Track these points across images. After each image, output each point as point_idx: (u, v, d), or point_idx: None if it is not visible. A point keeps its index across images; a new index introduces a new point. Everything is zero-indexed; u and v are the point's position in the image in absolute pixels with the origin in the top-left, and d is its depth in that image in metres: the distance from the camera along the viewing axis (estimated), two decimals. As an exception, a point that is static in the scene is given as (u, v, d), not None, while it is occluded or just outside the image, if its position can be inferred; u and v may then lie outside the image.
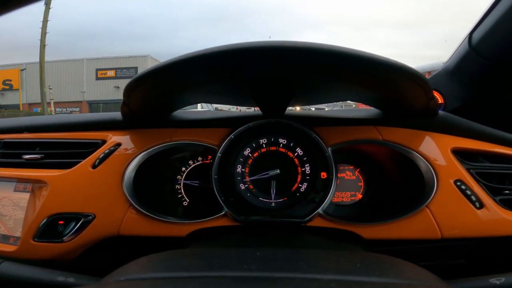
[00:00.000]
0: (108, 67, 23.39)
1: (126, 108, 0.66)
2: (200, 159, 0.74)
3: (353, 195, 0.72)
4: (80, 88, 23.11)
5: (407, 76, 0.50)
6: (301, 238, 0.65)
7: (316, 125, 0.69)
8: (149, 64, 21.96)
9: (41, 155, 0.71)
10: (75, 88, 23.08)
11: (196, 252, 0.49)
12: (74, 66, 23.70)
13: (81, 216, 0.65)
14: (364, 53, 0.47)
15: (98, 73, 23.56)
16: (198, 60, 0.49)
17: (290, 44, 0.46)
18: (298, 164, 0.69)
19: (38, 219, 0.66)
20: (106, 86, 22.98)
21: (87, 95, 23.19)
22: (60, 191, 0.67)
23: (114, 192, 0.66)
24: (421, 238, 0.61)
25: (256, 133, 0.69)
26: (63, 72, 23.33)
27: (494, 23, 0.72)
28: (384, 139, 0.66)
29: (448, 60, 0.88)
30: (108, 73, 23.44)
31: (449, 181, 0.62)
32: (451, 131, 0.67)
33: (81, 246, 0.66)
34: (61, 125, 0.76)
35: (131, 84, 0.56)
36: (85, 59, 23.85)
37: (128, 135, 0.71)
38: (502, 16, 0.70)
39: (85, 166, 0.68)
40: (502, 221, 0.60)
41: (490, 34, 0.74)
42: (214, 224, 0.65)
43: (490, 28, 0.74)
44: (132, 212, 0.65)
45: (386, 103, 0.69)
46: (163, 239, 0.65)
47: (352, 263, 0.37)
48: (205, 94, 0.72)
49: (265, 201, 0.69)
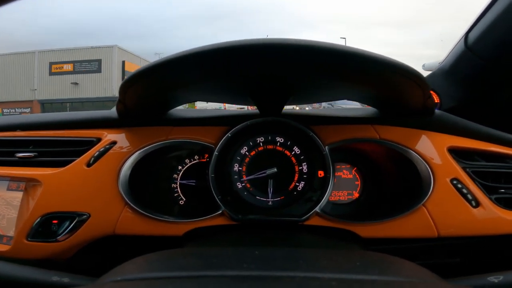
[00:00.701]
0: (65, 60, 20.27)
1: (122, 106, 0.65)
2: (197, 158, 0.73)
3: (350, 194, 0.72)
4: (31, 86, 19.91)
5: (405, 74, 0.51)
6: (298, 237, 0.65)
7: (313, 124, 0.68)
8: (116, 55, 19.88)
9: (34, 153, 0.70)
10: (24, 85, 19.83)
11: (193, 252, 0.48)
12: (24, 59, 20.37)
13: (76, 215, 0.64)
14: (362, 51, 0.47)
15: (52, 67, 20.27)
16: (193, 57, 0.48)
17: (288, 41, 0.46)
18: (295, 162, 0.69)
19: (32, 219, 0.65)
20: (61, 82, 19.97)
21: (39, 94, 20.01)
22: (54, 190, 0.66)
23: (109, 191, 0.65)
24: (418, 236, 0.62)
25: (253, 131, 0.69)
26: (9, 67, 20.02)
27: (490, 23, 0.73)
28: (381, 137, 0.66)
29: (444, 60, 0.88)
30: (64, 67, 20.20)
31: (446, 179, 0.62)
32: (447, 130, 0.67)
33: (75, 245, 0.65)
34: (54, 123, 0.75)
35: (127, 81, 0.56)
36: (36, 51, 20.54)
37: (124, 133, 0.70)
38: (498, 16, 0.71)
39: (80, 165, 0.67)
40: (498, 219, 0.60)
41: (486, 34, 0.75)
42: (211, 223, 0.65)
43: (486, 28, 0.74)
44: (127, 211, 0.64)
45: (384, 102, 0.69)
46: (159, 238, 0.65)
47: (352, 262, 0.37)
48: (201, 92, 0.71)
49: (262, 199, 0.69)
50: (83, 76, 20.10)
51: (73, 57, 20.54)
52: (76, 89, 19.97)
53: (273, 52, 0.48)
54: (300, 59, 0.50)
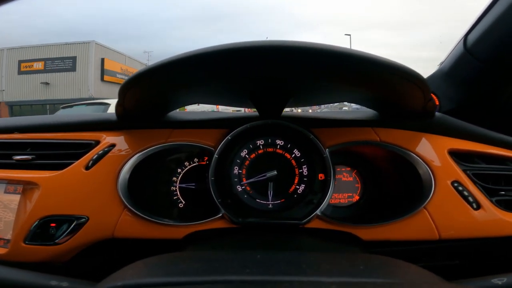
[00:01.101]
0: (35, 58, 18.26)
1: (121, 108, 0.64)
2: (196, 160, 0.73)
3: (351, 197, 0.71)
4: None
5: (406, 76, 0.50)
6: (299, 240, 0.65)
7: (314, 127, 0.68)
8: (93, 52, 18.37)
9: (32, 156, 0.69)
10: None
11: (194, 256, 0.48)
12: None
13: (74, 218, 0.64)
14: (361, 53, 0.46)
15: (21, 65, 18.33)
16: (194, 59, 0.48)
17: (288, 43, 0.46)
18: (296, 165, 0.69)
19: (29, 221, 0.64)
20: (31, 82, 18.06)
21: (7, 95, 17.89)
22: (52, 192, 0.65)
23: (108, 194, 0.64)
24: (419, 239, 0.62)
25: (253, 134, 0.69)
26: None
27: (489, 26, 0.73)
28: (382, 140, 0.66)
29: (443, 62, 0.89)
30: (34, 66, 18.23)
31: (447, 182, 0.62)
32: (448, 133, 0.67)
33: (73, 249, 0.65)
34: (52, 125, 0.74)
35: (126, 83, 0.55)
36: (5, 49, 18.56)
37: (123, 136, 0.69)
38: (497, 18, 0.71)
39: (78, 167, 0.66)
40: (499, 221, 0.60)
41: (485, 37, 0.75)
42: (211, 226, 0.65)
43: (485, 31, 0.75)
44: (126, 214, 0.64)
45: (384, 104, 0.69)
46: (159, 241, 0.64)
47: (356, 266, 0.37)
48: (201, 94, 0.71)
49: (262, 202, 0.68)
50: (55, 75, 18.21)
51: (45, 55, 18.55)
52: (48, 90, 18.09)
53: (273, 54, 0.48)
54: (300, 61, 0.50)
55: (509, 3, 0.69)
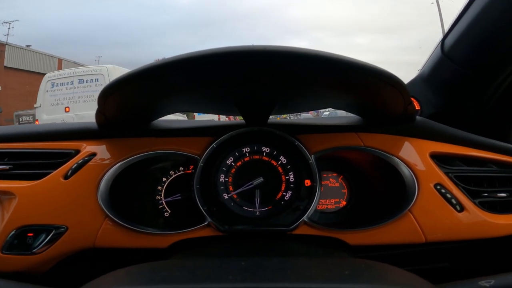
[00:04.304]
0: None
1: (101, 116, 0.63)
2: (182, 169, 0.72)
3: (337, 202, 0.71)
4: None
5: (385, 80, 0.51)
6: (287, 247, 0.64)
7: (299, 133, 0.68)
8: None
9: (9, 166, 0.67)
10: None
11: (177, 264, 0.46)
12: None
13: (52, 228, 0.62)
14: (343, 57, 0.47)
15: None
16: (176, 65, 0.47)
17: (271, 48, 0.45)
18: (282, 172, 0.69)
19: (6, 231, 0.63)
20: None
21: None
22: (29, 202, 0.64)
23: (88, 203, 0.63)
24: (406, 242, 0.62)
25: (239, 141, 0.68)
26: None
27: (465, 29, 0.75)
28: (366, 145, 0.67)
29: (423, 67, 0.90)
30: None
31: (430, 185, 0.63)
32: (429, 136, 0.68)
33: (53, 258, 0.63)
34: (31, 134, 0.72)
35: (106, 90, 0.54)
36: None
37: (104, 145, 0.68)
38: (471, 21, 0.73)
39: (56, 177, 0.64)
40: (483, 223, 0.61)
41: (462, 40, 0.77)
42: (197, 234, 0.63)
43: (461, 34, 0.77)
44: (108, 223, 0.62)
45: (367, 110, 0.69)
46: (143, 251, 0.63)
47: (341, 271, 0.36)
48: (185, 102, 0.70)
49: (249, 210, 0.67)
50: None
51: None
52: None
53: (256, 58, 0.48)
54: (284, 66, 0.50)
55: (482, 6, 0.71)
